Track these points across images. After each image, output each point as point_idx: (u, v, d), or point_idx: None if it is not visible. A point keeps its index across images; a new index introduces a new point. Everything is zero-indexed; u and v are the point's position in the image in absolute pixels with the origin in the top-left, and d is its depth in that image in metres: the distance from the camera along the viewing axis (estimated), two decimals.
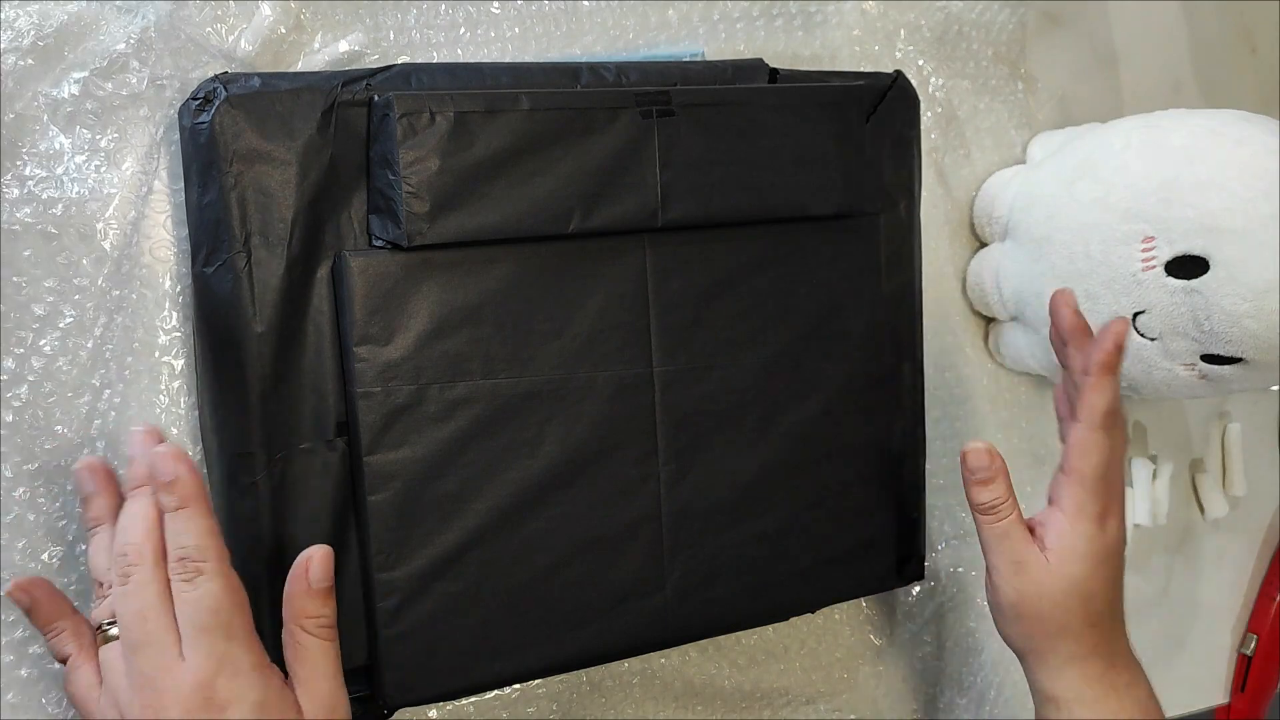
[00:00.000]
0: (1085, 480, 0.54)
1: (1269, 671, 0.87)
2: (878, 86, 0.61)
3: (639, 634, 0.56)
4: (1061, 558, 0.54)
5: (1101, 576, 0.54)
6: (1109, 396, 0.53)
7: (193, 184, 0.49)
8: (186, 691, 0.40)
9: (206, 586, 0.41)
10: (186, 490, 0.41)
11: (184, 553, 0.41)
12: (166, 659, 0.40)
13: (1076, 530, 0.54)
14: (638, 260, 0.54)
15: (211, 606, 0.41)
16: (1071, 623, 0.54)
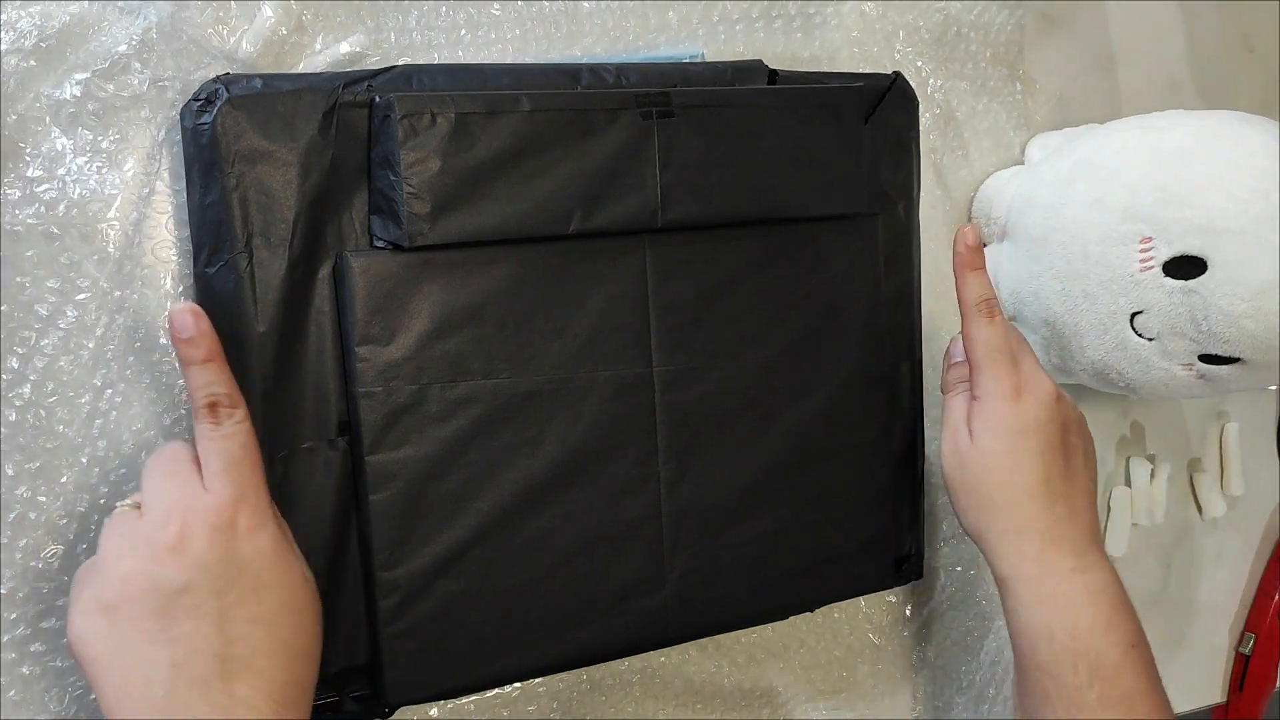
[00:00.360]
0: (980, 365, 0.56)
1: (1267, 671, 0.87)
2: (877, 88, 0.62)
3: (639, 633, 0.56)
4: (979, 434, 0.56)
5: (1024, 450, 0.55)
6: (974, 289, 0.57)
7: (194, 185, 0.49)
8: (212, 511, 0.42)
9: (238, 427, 0.43)
10: (211, 344, 0.43)
11: (216, 398, 0.43)
12: (193, 486, 0.42)
13: (986, 409, 0.56)
14: (638, 260, 0.55)
15: (242, 443, 0.43)
16: (998, 497, 0.56)
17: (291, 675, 0.42)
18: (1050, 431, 0.56)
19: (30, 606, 0.49)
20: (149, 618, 0.40)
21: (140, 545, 0.41)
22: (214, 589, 0.41)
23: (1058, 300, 0.64)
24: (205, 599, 0.41)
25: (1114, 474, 0.80)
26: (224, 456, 0.43)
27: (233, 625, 0.41)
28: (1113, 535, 0.79)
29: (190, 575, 0.41)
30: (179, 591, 0.41)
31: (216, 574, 0.41)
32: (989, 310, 0.57)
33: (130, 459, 0.51)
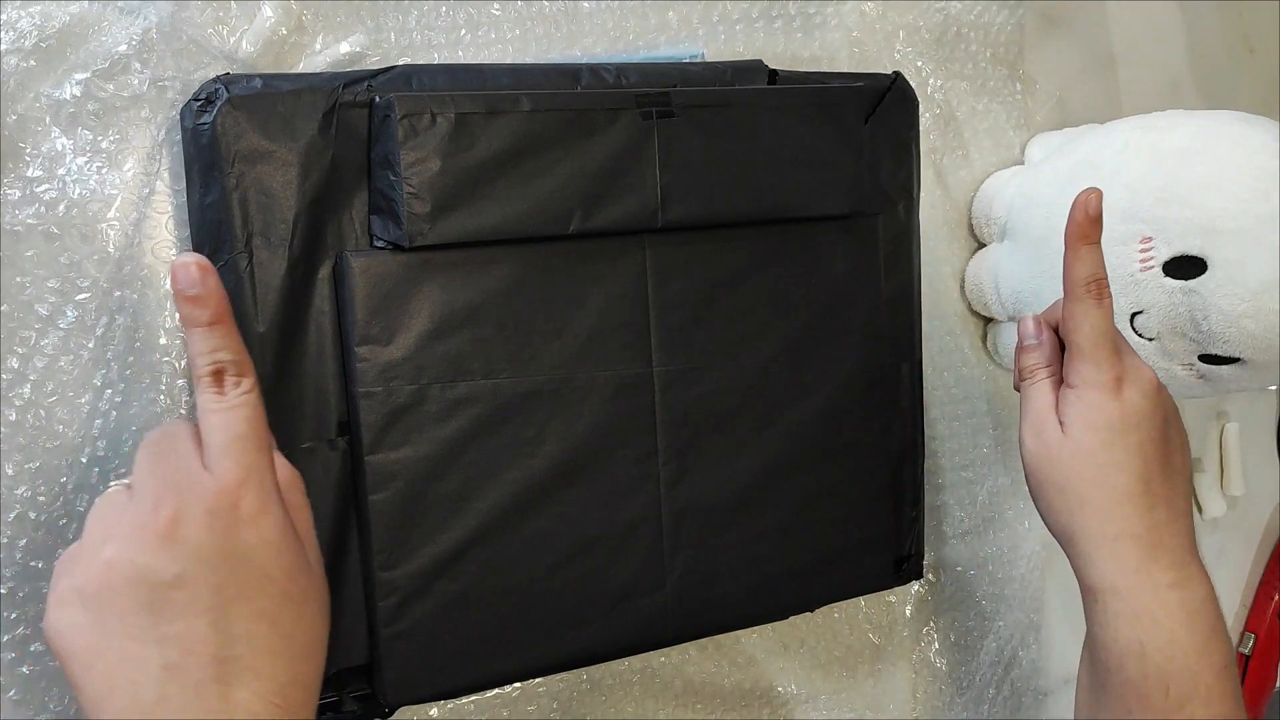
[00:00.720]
0: (1083, 350, 0.52)
1: (1267, 671, 0.87)
2: (877, 87, 0.62)
3: (639, 633, 0.56)
4: (1074, 427, 0.52)
5: (1124, 447, 0.51)
6: (1087, 266, 0.52)
7: (194, 185, 0.49)
8: (211, 495, 0.37)
9: (246, 397, 0.39)
10: (220, 303, 0.39)
11: (218, 365, 0.39)
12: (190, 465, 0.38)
13: (1085, 399, 0.52)
14: (638, 261, 0.55)
15: (248, 416, 0.39)
16: (1093, 496, 0.51)
17: (295, 675, 0.38)
18: (1153, 426, 0.52)
19: (30, 606, 0.49)
20: (136, 612, 0.36)
21: (128, 530, 0.36)
22: (211, 582, 0.36)
23: None
24: (201, 593, 0.36)
25: None
26: (228, 431, 0.38)
27: (232, 623, 0.37)
28: None
29: (184, 566, 0.36)
30: (170, 584, 0.36)
31: (214, 565, 0.37)
32: (1099, 291, 0.51)
33: (130, 459, 0.51)
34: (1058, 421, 0.53)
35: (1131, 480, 0.51)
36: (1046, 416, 0.53)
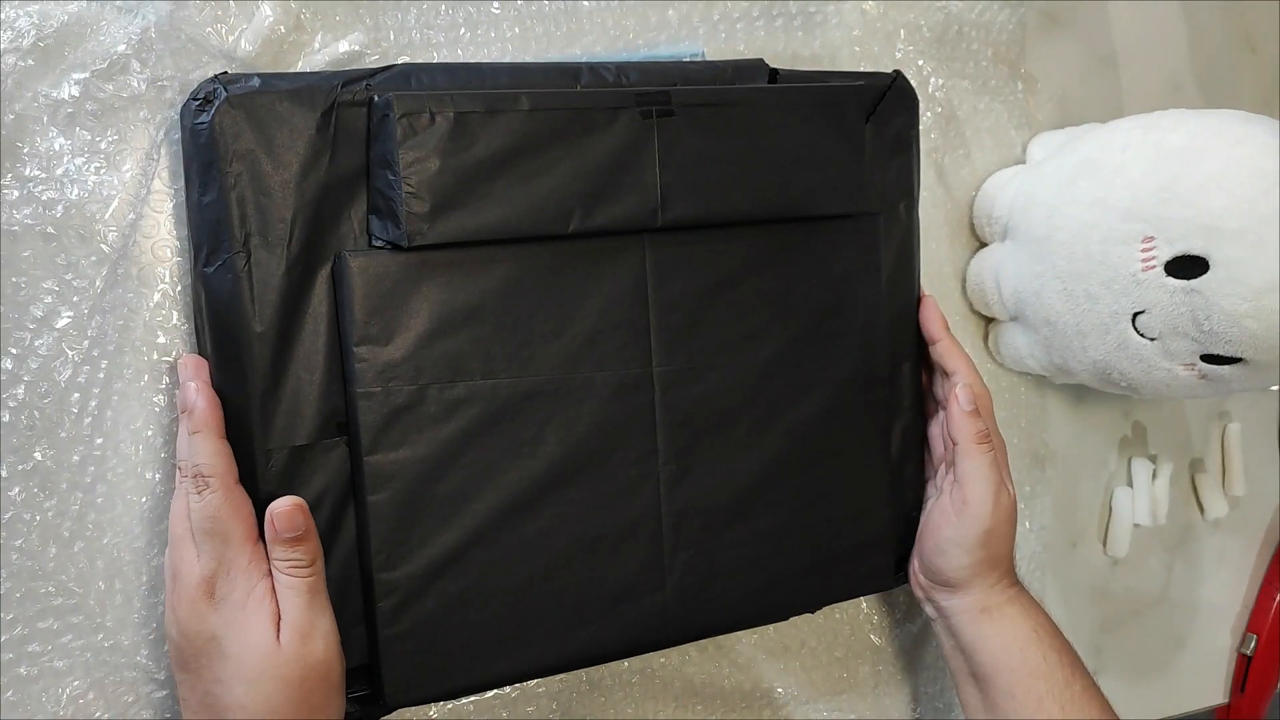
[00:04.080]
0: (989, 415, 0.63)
1: (1269, 671, 0.87)
2: (877, 86, 0.61)
3: (639, 634, 0.56)
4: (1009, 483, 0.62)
5: None
6: None
7: (193, 184, 0.49)
8: (194, 583, 0.47)
9: (209, 498, 0.47)
10: (201, 418, 0.48)
11: (196, 469, 0.47)
12: (185, 554, 0.47)
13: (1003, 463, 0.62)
14: (637, 260, 0.54)
15: (211, 515, 0.47)
16: (1009, 548, 0.63)
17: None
18: None
19: (28, 607, 0.49)
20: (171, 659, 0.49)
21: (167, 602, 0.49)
22: (192, 650, 0.47)
23: (1059, 300, 0.64)
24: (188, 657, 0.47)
25: (1116, 474, 0.79)
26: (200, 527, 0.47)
27: (203, 683, 0.47)
28: (1114, 536, 0.78)
29: (179, 637, 0.47)
30: (177, 646, 0.47)
31: (191, 639, 0.47)
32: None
33: (128, 458, 0.51)
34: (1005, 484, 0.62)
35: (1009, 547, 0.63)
36: (1001, 481, 0.61)
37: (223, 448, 0.48)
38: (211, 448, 0.48)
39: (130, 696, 0.51)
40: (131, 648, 0.51)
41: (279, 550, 0.48)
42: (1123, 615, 0.80)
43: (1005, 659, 0.60)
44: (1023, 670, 0.60)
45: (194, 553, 0.47)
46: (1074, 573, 0.78)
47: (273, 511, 0.47)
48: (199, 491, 0.47)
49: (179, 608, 0.47)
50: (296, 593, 0.47)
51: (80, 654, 0.50)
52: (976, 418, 0.61)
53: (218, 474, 0.47)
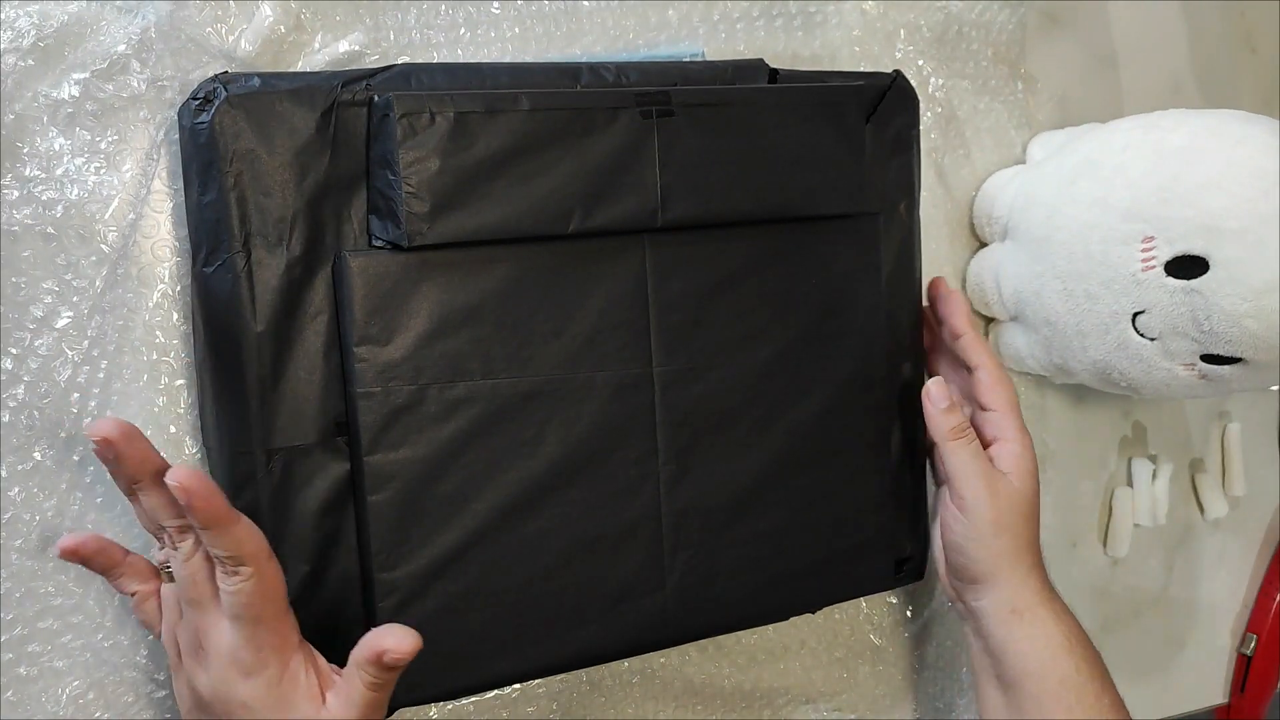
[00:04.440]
0: (1013, 406, 0.61)
1: (1269, 672, 0.87)
2: (877, 86, 0.61)
3: (639, 634, 0.56)
4: (1021, 476, 0.60)
5: (1040, 490, 0.61)
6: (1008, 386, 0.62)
7: (192, 184, 0.49)
8: (224, 653, 0.46)
9: (240, 585, 0.45)
10: (208, 512, 0.44)
11: (220, 557, 0.45)
12: (214, 617, 0.46)
13: (1025, 450, 0.61)
14: (637, 260, 0.54)
15: (244, 601, 0.45)
16: (1031, 535, 0.61)
17: None
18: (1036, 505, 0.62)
19: (27, 607, 0.49)
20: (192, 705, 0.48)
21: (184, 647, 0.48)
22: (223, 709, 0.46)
23: (1060, 300, 0.64)
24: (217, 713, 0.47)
25: (1116, 474, 0.79)
26: (231, 608, 0.45)
27: None
28: (1114, 536, 0.78)
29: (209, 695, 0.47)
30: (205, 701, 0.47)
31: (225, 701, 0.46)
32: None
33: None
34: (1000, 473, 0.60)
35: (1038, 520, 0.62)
36: (992, 470, 0.60)
37: (242, 528, 0.45)
38: (232, 536, 0.44)
39: (130, 696, 0.51)
40: (131, 648, 0.51)
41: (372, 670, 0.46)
42: (1123, 615, 0.80)
43: (1035, 665, 0.59)
44: (1053, 678, 0.59)
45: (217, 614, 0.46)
46: (1074, 573, 0.78)
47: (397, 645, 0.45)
48: (227, 575, 0.45)
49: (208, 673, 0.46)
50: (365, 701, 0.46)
51: (80, 654, 0.50)
52: (952, 413, 0.60)
53: (246, 558, 0.45)
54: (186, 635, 0.47)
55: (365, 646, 0.46)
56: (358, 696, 0.46)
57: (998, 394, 0.61)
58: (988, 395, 0.61)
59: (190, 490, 0.43)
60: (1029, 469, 0.60)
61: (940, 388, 0.61)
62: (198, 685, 0.47)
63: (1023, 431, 0.61)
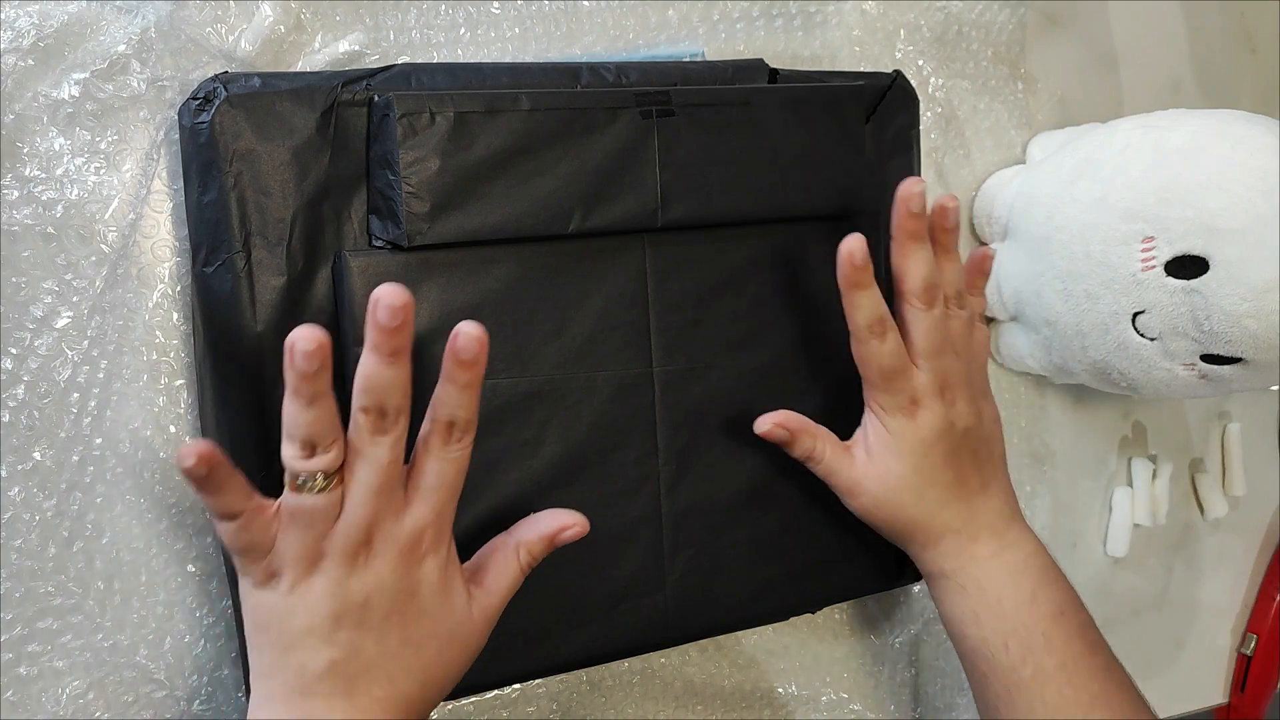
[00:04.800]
0: (876, 384, 0.55)
1: (1269, 671, 0.87)
2: (877, 86, 0.61)
3: (639, 634, 0.56)
4: (881, 458, 0.56)
5: (930, 465, 0.55)
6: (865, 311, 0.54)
7: (192, 184, 0.49)
8: (405, 535, 0.44)
9: (461, 453, 0.45)
10: (480, 375, 0.44)
11: (456, 420, 0.44)
12: (398, 503, 0.44)
13: (886, 429, 0.56)
14: (637, 260, 0.54)
15: (459, 470, 0.45)
16: (915, 514, 0.56)
17: (418, 695, 0.45)
18: (954, 433, 0.56)
19: (27, 607, 0.49)
20: (324, 616, 0.43)
21: (338, 546, 0.43)
22: (384, 609, 0.44)
23: (1059, 300, 0.64)
24: (374, 616, 0.44)
25: (1116, 474, 0.79)
26: (438, 479, 0.45)
27: (387, 641, 0.44)
28: (1114, 536, 0.78)
29: (369, 593, 0.44)
30: (358, 606, 0.44)
31: (391, 595, 0.44)
32: (882, 330, 0.54)
33: (126, 458, 0.51)
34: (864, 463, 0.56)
35: (942, 490, 0.56)
36: (850, 473, 0.56)
37: (477, 398, 0.45)
38: (476, 405, 0.44)
39: (130, 696, 0.51)
40: (131, 648, 0.51)
41: (540, 549, 0.48)
42: (1123, 615, 0.80)
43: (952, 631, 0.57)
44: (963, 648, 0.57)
45: (399, 503, 0.44)
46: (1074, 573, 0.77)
47: (577, 522, 0.48)
48: (451, 444, 0.44)
49: (378, 561, 0.44)
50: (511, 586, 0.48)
51: (80, 654, 0.50)
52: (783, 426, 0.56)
53: (472, 431, 0.45)
54: (350, 533, 0.43)
55: (535, 527, 0.48)
56: (512, 577, 0.48)
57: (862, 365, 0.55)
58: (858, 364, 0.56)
59: (475, 339, 0.42)
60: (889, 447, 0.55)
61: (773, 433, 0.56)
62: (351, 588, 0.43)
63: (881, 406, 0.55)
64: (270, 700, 0.43)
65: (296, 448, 0.43)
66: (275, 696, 0.43)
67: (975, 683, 0.56)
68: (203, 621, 0.53)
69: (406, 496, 0.45)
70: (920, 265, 0.54)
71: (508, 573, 0.48)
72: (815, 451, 0.56)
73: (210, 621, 0.53)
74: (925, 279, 0.54)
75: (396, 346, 0.42)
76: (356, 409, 0.43)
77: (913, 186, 0.54)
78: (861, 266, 0.53)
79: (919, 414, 0.55)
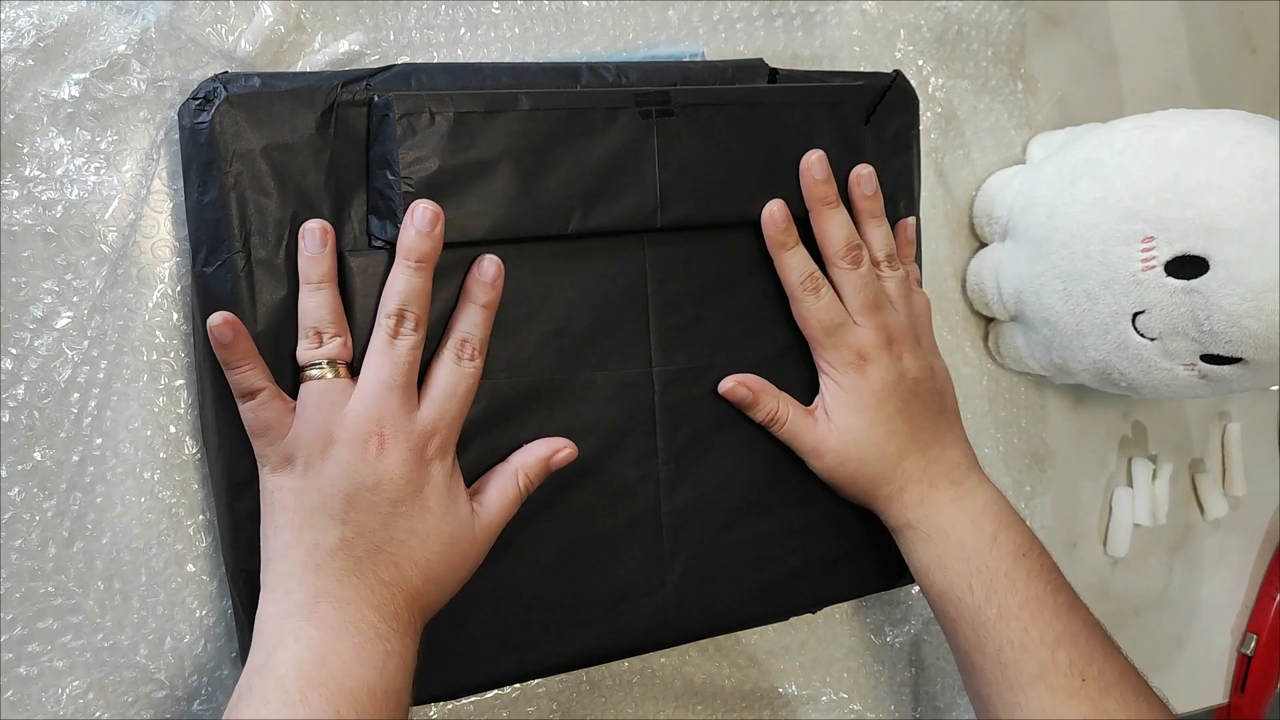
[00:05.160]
0: (821, 342, 0.57)
1: (1269, 671, 0.87)
2: (877, 86, 0.61)
3: (639, 634, 0.56)
4: (839, 415, 0.57)
5: (885, 417, 0.57)
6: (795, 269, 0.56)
7: (192, 184, 0.49)
8: (419, 431, 0.48)
9: (472, 368, 0.49)
10: (496, 298, 0.50)
11: (470, 336, 0.49)
12: (412, 402, 0.48)
13: (841, 385, 0.57)
14: (637, 260, 0.54)
15: (470, 384, 0.49)
16: (875, 467, 0.57)
17: (420, 587, 0.47)
18: (905, 385, 0.57)
19: (27, 607, 0.49)
20: (336, 496, 0.46)
21: (350, 436, 0.47)
22: (392, 496, 0.47)
23: (1059, 300, 0.64)
24: (383, 500, 0.46)
25: (1116, 474, 0.79)
26: (448, 388, 0.48)
27: (394, 528, 0.47)
28: (1114, 536, 0.78)
29: (380, 479, 0.46)
30: (369, 489, 0.46)
31: (400, 485, 0.47)
32: (814, 286, 0.56)
33: (126, 458, 0.51)
34: (825, 426, 0.57)
35: (901, 440, 0.57)
36: (812, 436, 0.57)
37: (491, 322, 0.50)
38: (489, 326, 0.50)
39: (130, 696, 0.51)
40: (131, 648, 0.51)
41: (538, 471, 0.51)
42: (1123, 615, 0.80)
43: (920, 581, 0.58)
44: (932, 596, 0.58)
45: (411, 403, 0.48)
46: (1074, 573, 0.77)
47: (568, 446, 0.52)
48: (463, 361, 0.49)
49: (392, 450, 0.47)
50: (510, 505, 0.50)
51: (80, 654, 0.50)
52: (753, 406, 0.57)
53: (484, 351, 0.50)
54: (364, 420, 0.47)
55: (532, 452, 0.51)
56: (510, 500, 0.50)
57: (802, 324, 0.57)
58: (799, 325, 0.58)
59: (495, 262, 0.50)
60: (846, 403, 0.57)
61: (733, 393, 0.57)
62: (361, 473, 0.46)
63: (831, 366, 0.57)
64: (283, 580, 0.46)
65: (306, 339, 0.48)
66: (288, 575, 0.46)
67: (947, 631, 0.58)
68: (203, 622, 0.53)
69: (420, 401, 0.48)
70: (837, 227, 0.57)
71: (507, 492, 0.51)
72: (778, 414, 0.57)
73: (210, 622, 0.53)
74: (845, 240, 0.57)
75: (424, 254, 0.48)
76: (380, 315, 0.48)
77: (810, 156, 0.56)
78: (785, 228, 0.56)
79: (867, 368, 0.57)
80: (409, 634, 0.46)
